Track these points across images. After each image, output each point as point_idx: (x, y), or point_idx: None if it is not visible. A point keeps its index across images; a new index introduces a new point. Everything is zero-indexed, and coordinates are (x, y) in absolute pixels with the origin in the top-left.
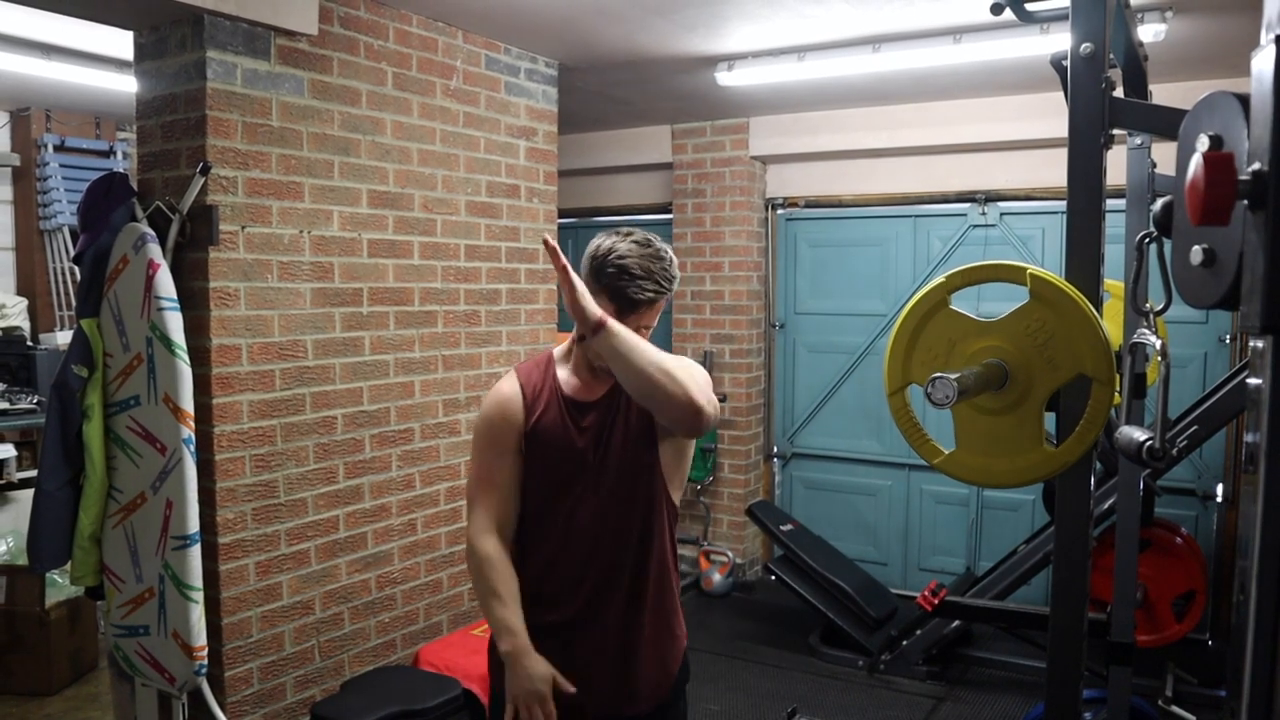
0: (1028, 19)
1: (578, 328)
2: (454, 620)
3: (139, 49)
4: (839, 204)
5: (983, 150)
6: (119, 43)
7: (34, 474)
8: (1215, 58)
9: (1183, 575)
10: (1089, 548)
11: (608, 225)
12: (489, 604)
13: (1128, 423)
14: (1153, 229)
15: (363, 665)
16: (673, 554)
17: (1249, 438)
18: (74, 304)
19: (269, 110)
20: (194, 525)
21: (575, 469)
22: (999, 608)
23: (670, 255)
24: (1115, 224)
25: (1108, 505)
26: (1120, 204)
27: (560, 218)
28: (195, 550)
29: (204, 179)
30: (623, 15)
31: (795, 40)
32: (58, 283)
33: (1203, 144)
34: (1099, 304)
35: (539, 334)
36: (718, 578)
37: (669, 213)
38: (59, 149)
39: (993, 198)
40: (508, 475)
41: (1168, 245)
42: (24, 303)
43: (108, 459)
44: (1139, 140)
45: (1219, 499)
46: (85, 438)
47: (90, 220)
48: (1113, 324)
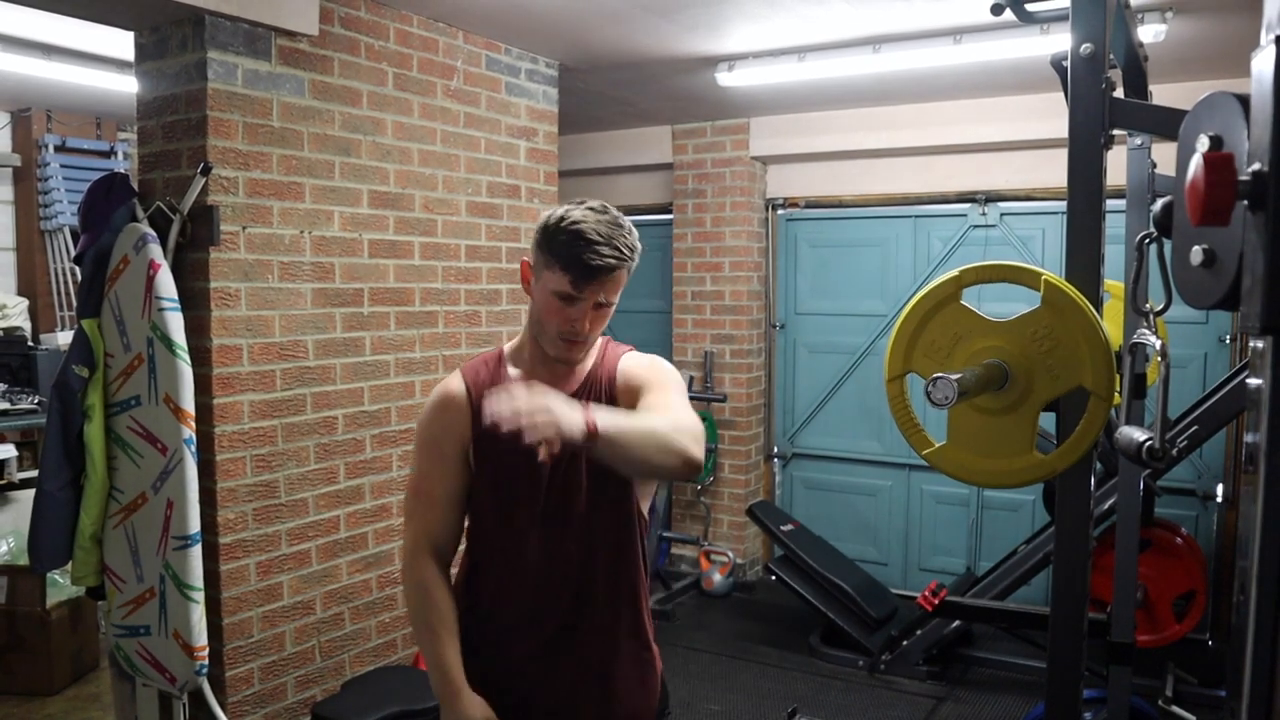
0: (1028, 19)
1: (554, 449)
2: None
3: (140, 49)
4: (839, 204)
5: (983, 150)
6: (120, 43)
7: (35, 474)
8: (1215, 58)
9: (1183, 575)
10: (1089, 548)
11: None
12: (422, 638)
13: (1128, 423)
14: (1153, 229)
15: (363, 665)
16: (645, 573)
17: (1249, 438)
18: (75, 304)
19: (270, 111)
20: (195, 525)
21: (533, 484)
22: (999, 608)
23: (630, 225)
24: (1115, 224)
25: (1108, 505)
26: (1120, 204)
27: None
28: (196, 550)
29: (205, 179)
30: (623, 16)
31: (795, 41)
32: (58, 283)
33: (1203, 144)
34: (1099, 304)
35: None
36: (718, 578)
37: (669, 213)
38: (60, 149)
39: (993, 198)
40: (448, 488)
41: (1168, 245)
42: (25, 303)
43: (109, 459)
44: (1139, 140)
45: (1219, 499)
46: (86, 438)
47: (91, 221)
48: (1113, 324)
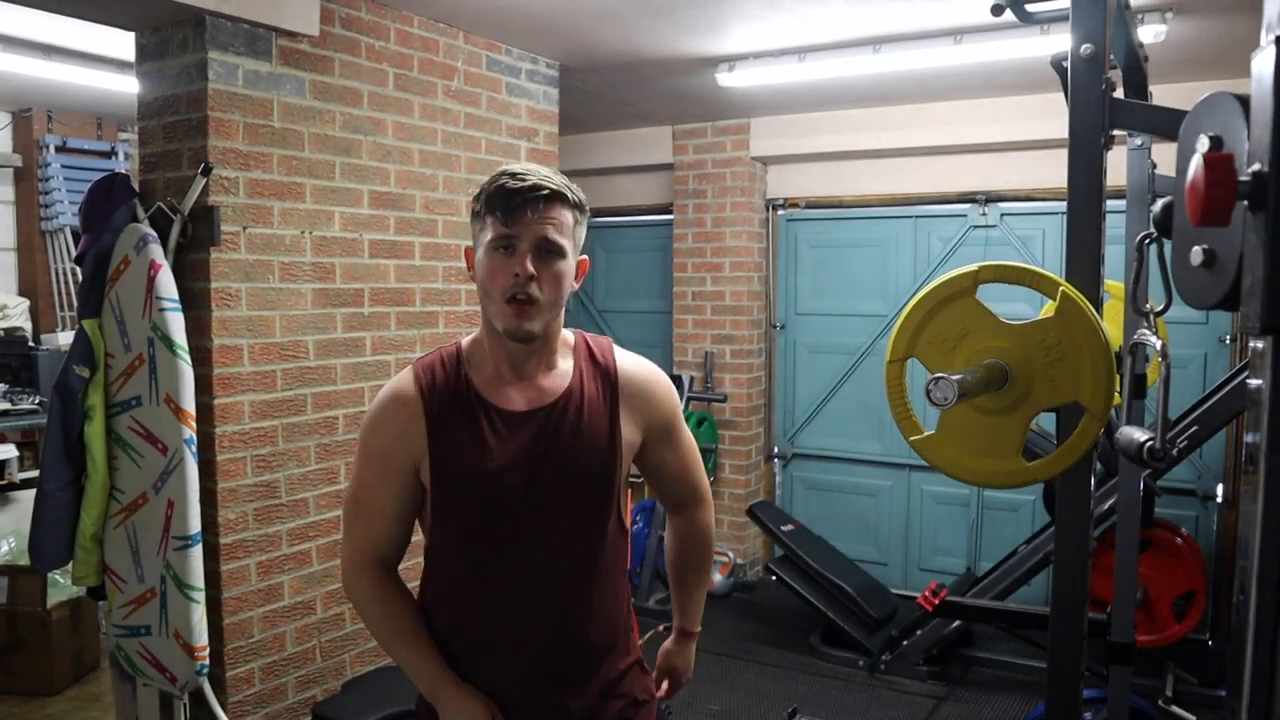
0: (1028, 20)
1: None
2: None
3: (140, 50)
4: (839, 205)
5: (983, 151)
6: (120, 43)
7: (36, 474)
8: (1215, 59)
9: (1183, 575)
10: (1089, 548)
11: (609, 226)
12: (393, 649)
13: (1128, 423)
14: (1153, 230)
15: (364, 665)
16: (630, 595)
17: (1249, 438)
18: (75, 305)
19: (270, 111)
20: (195, 525)
21: (500, 504)
22: (999, 608)
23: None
24: (1115, 225)
25: (1108, 505)
26: (1120, 205)
27: None
28: (197, 550)
29: (205, 180)
30: (623, 16)
31: (796, 41)
32: (59, 283)
33: (1203, 145)
34: (1099, 304)
35: None
36: (718, 578)
37: (670, 214)
38: (60, 150)
39: (993, 198)
40: (394, 504)
41: (1168, 246)
42: (25, 303)
43: (109, 459)
44: (1139, 141)
45: (1219, 499)
46: (87, 438)
47: (92, 221)
48: (1113, 324)
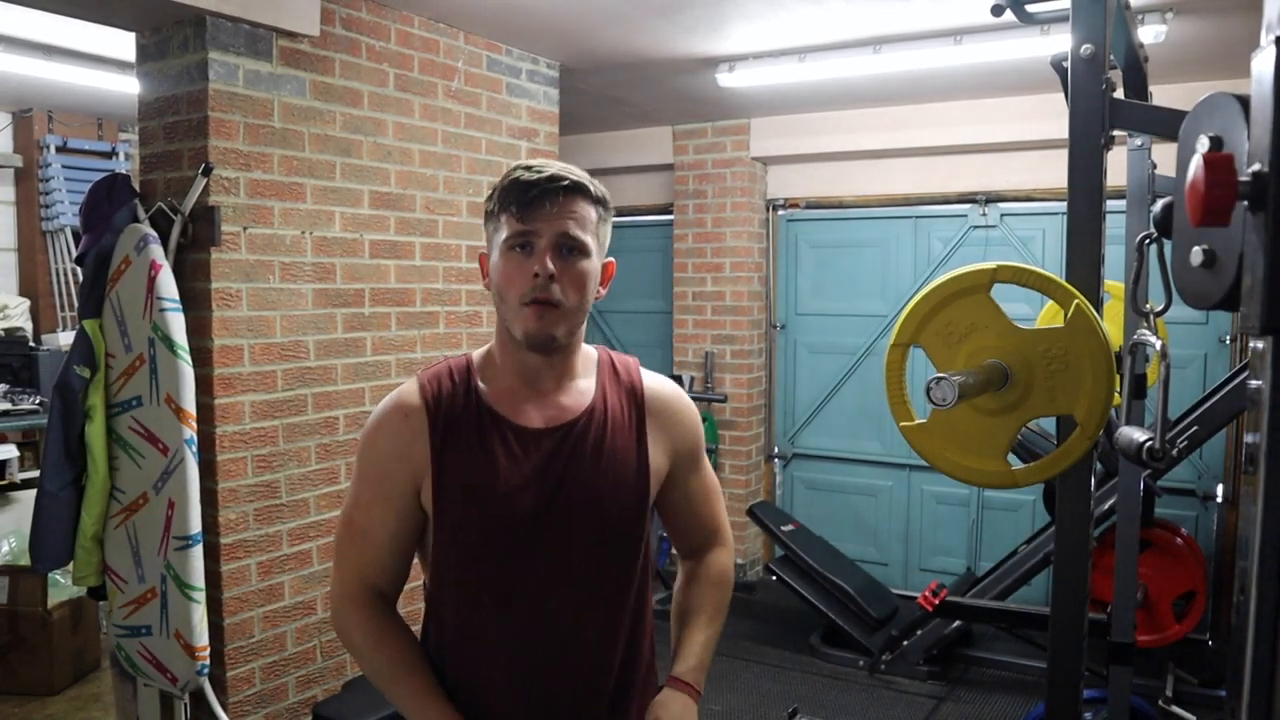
0: (1028, 20)
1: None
2: None
3: (141, 50)
4: (840, 205)
5: (983, 151)
6: (121, 44)
7: (36, 474)
8: (1216, 59)
9: (1183, 575)
10: (1089, 548)
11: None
12: (388, 691)
13: (1128, 423)
14: (1153, 230)
15: None
16: (653, 641)
17: (1249, 438)
18: (76, 305)
19: (271, 111)
20: (196, 525)
21: (510, 531)
22: (999, 608)
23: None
24: (1115, 225)
25: (1108, 505)
26: (1120, 205)
27: None
28: (197, 550)
29: (206, 180)
30: (623, 16)
31: (796, 41)
32: (60, 284)
33: (1203, 145)
34: (1099, 304)
35: None
36: None
37: (670, 214)
38: (61, 150)
39: (993, 199)
40: (393, 529)
41: (1168, 246)
42: (26, 303)
43: (110, 459)
44: (1139, 141)
45: (1219, 499)
46: (87, 438)
47: (92, 221)
48: (1113, 325)
